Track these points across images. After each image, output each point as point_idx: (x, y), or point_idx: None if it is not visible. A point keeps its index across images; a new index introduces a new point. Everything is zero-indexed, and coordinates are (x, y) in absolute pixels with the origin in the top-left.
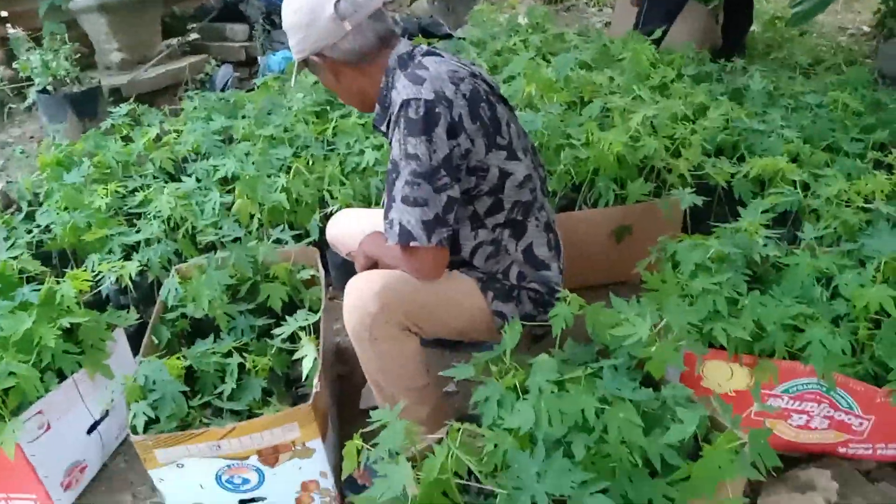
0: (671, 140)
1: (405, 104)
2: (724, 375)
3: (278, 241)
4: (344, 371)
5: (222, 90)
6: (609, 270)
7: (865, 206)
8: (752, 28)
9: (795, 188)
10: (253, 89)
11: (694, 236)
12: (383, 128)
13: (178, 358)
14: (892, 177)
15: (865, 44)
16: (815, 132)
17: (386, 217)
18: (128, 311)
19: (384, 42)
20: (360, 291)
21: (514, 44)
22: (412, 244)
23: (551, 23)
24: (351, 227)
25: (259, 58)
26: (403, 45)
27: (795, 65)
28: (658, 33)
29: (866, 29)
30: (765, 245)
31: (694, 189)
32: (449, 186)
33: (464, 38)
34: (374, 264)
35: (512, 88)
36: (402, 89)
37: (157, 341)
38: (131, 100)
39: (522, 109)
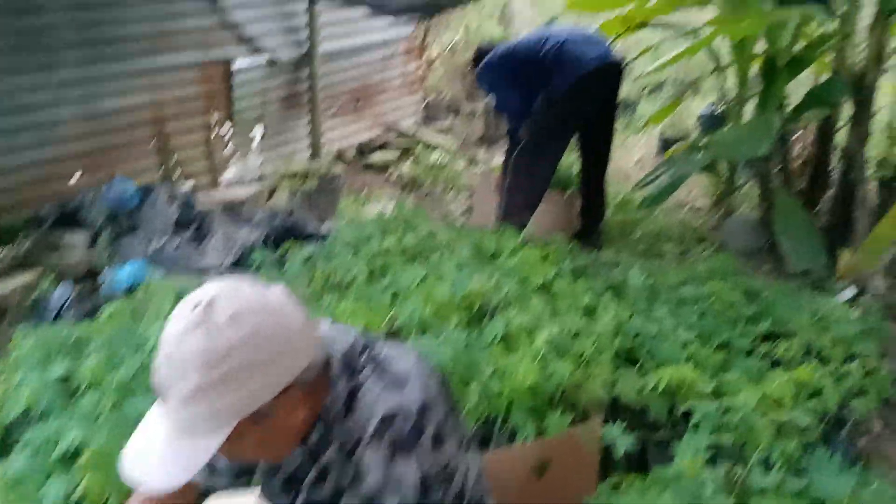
0: (579, 358)
1: (388, 420)
2: None
3: None
4: None
5: (57, 316)
6: None
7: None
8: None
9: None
10: (96, 310)
11: (629, 478)
12: (307, 471)
13: None
14: (792, 375)
15: (705, 218)
16: (705, 330)
17: None
18: None
19: None
20: None
21: (389, 246)
22: None
23: (423, 219)
24: None
25: (106, 269)
26: (339, 342)
27: (662, 253)
28: (530, 229)
29: (700, 205)
30: (713, 492)
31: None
32: None
33: (332, 240)
34: None
35: (405, 310)
36: (379, 399)
37: None
38: None
39: (416, 336)
